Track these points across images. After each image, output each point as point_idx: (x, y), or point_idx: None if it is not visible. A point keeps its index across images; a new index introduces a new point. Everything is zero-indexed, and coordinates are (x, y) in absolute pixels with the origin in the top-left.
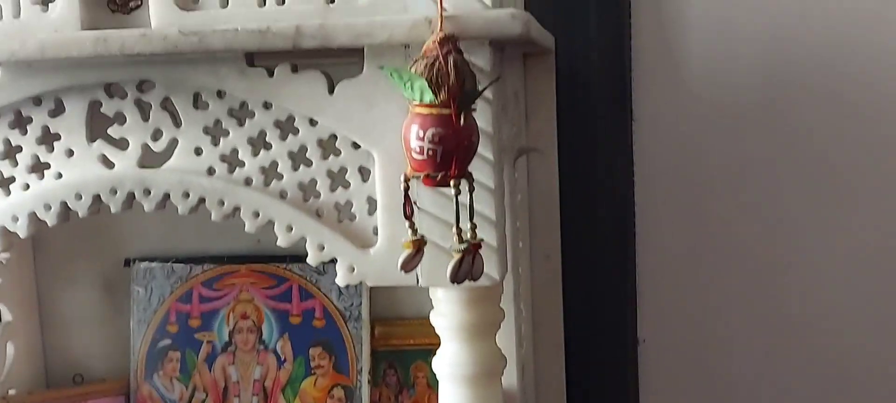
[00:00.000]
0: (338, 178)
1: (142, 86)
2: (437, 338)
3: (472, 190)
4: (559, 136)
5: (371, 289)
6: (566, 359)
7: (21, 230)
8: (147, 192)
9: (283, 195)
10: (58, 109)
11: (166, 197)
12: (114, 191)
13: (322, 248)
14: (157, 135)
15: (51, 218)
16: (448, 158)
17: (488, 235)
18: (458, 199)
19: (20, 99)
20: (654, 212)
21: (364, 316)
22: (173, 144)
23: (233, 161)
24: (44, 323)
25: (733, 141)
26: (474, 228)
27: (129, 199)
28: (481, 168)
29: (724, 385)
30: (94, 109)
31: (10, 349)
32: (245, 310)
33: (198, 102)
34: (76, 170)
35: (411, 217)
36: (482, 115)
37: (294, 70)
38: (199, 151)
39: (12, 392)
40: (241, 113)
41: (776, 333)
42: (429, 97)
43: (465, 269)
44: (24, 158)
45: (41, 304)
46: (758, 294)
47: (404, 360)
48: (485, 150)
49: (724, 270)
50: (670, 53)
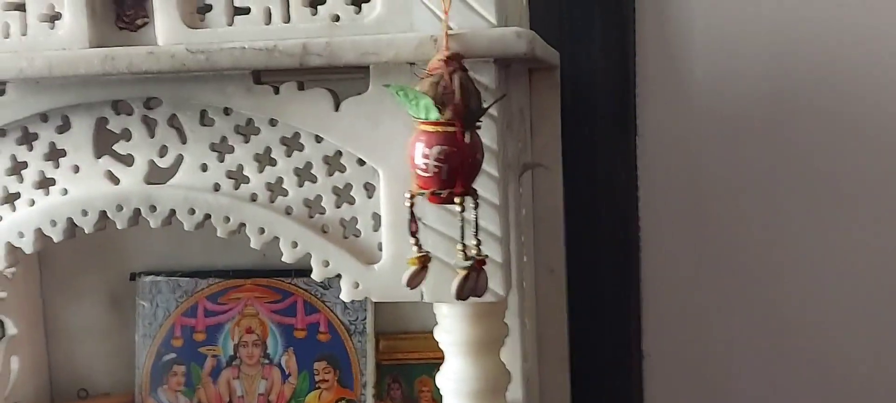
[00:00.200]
0: (343, 195)
1: (148, 103)
2: (442, 353)
3: (476, 206)
4: (564, 151)
5: (376, 304)
6: (571, 373)
7: (26, 246)
8: (153, 208)
9: (288, 211)
10: (65, 126)
11: (172, 213)
12: (120, 208)
13: (327, 264)
14: (163, 152)
15: (57, 234)
16: (453, 175)
17: (493, 251)
18: (463, 216)
19: (27, 115)
20: (658, 227)
21: (369, 330)
22: (179, 161)
23: (238, 177)
24: (49, 336)
25: (737, 155)
26: (479, 245)
27: (135, 215)
28: (486, 185)
29: (729, 398)
30: (100, 126)
31: (15, 363)
32: (250, 325)
33: (204, 119)
34: (82, 187)
35: (416, 233)
36: (487, 133)
37: (300, 87)
38: (205, 168)
39: None
40: (248, 129)
41: (780, 346)
42: (434, 115)
43: (470, 286)
44: (30, 174)
45: (46, 318)
46: (762, 307)
47: (409, 374)
48: (490, 167)
49: (728, 283)
50: (674, 69)
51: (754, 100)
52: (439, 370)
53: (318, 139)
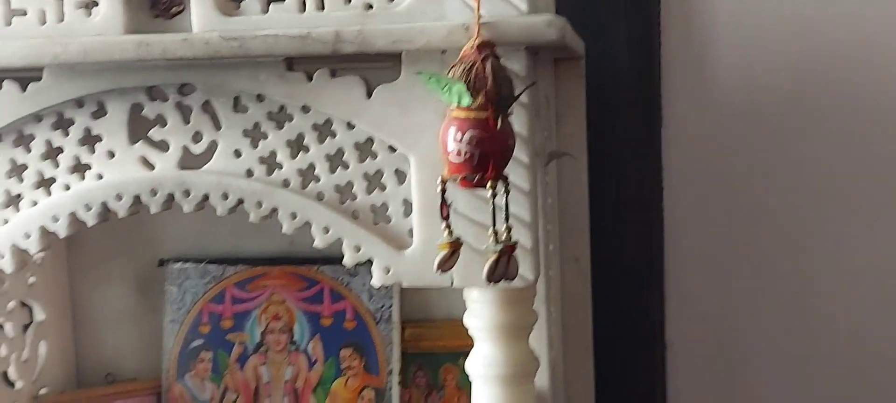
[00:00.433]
0: (374, 181)
1: (183, 90)
2: (467, 340)
3: (507, 192)
4: (588, 142)
5: (401, 291)
6: (595, 362)
7: (61, 230)
8: (187, 193)
9: (320, 197)
10: (100, 112)
11: (205, 198)
12: (154, 192)
13: (358, 249)
14: (197, 138)
15: (91, 218)
16: (485, 161)
17: (523, 237)
18: (494, 201)
19: (63, 101)
20: (683, 217)
21: (394, 318)
22: (213, 147)
23: (271, 163)
24: (76, 322)
25: (761, 146)
26: (509, 230)
27: (169, 200)
28: (516, 171)
29: (752, 389)
30: (135, 112)
31: (43, 348)
32: (277, 312)
33: (237, 106)
34: (117, 171)
35: (447, 219)
36: (518, 119)
37: (332, 75)
38: (238, 153)
39: (44, 392)
40: (280, 116)
41: (804, 337)
42: (466, 101)
43: (501, 270)
44: (65, 159)
45: (74, 304)
46: (786, 298)
47: (434, 362)
48: (520, 153)
49: (752, 274)
50: (699, 60)
51: (778, 92)
52: (464, 357)
53: (350, 126)
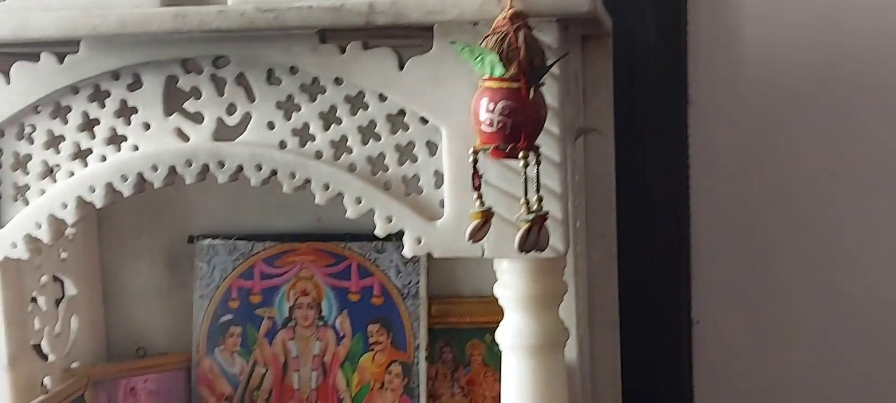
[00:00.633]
0: (406, 152)
1: (217, 62)
2: (494, 316)
3: (538, 163)
4: (615, 119)
5: (428, 267)
6: (621, 338)
7: (97, 200)
8: (221, 165)
9: (352, 168)
10: (136, 84)
11: (239, 169)
12: (188, 163)
13: (390, 220)
14: (231, 110)
15: (127, 188)
16: (517, 131)
17: (553, 208)
18: (525, 172)
19: (99, 73)
20: (709, 194)
21: (422, 293)
22: (247, 118)
23: (304, 135)
24: (107, 297)
25: (789, 124)
26: (540, 200)
27: (204, 171)
28: (547, 142)
29: (778, 367)
30: (170, 84)
31: (74, 322)
32: (305, 287)
33: (271, 78)
34: (152, 143)
35: (479, 189)
36: (549, 91)
37: (365, 47)
38: (271, 125)
39: (76, 365)
40: (313, 88)
41: (832, 313)
42: (499, 71)
43: (532, 239)
44: (101, 131)
45: (105, 279)
46: (813, 276)
47: (460, 338)
48: (551, 125)
49: (779, 252)
50: (726, 37)
51: (806, 68)
52: (491, 334)
53: (382, 98)
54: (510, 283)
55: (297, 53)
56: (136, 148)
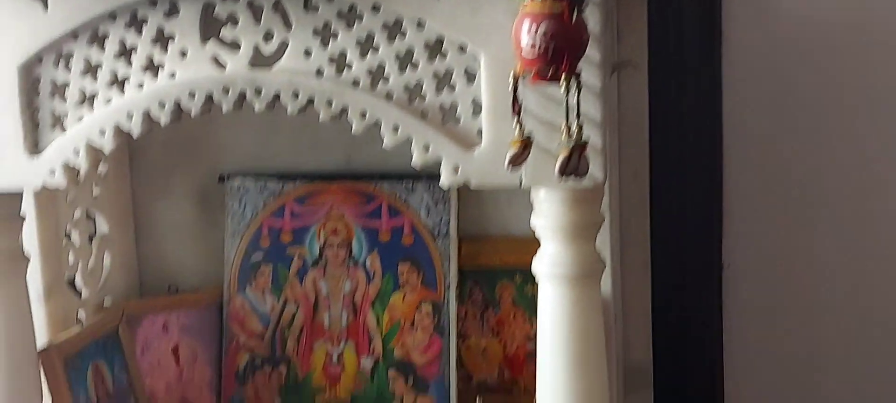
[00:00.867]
0: (443, 81)
1: None
2: (524, 257)
3: (579, 89)
4: (649, 57)
5: (459, 207)
6: (651, 278)
7: (135, 128)
8: (258, 92)
9: (389, 96)
10: (172, 11)
11: (276, 97)
12: (226, 91)
13: (427, 149)
14: (268, 37)
15: (164, 116)
16: (559, 54)
17: (593, 136)
18: (567, 97)
19: (136, 0)
20: (742, 135)
21: (452, 233)
22: (284, 46)
23: (341, 63)
24: (139, 234)
25: (823, 63)
26: (581, 128)
27: (241, 99)
28: (588, 69)
29: (809, 311)
30: (207, 11)
31: (107, 259)
32: (335, 227)
33: (308, 5)
34: (189, 70)
35: (519, 115)
36: (591, 16)
37: None
38: (308, 53)
39: (108, 301)
40: (350, 15)
41: (864, 259)
42: None
43: (573, 165)
44: (138, 58)
45: (136, 216)
46: (846, 218)
47: (490, 279)
48: (592, 51)
49: (811, 196)
50: None
51: (842, 5)
52: (521, 274)
53: (420, 25)
54: (547, 213)
55: None
56: (172, 75)
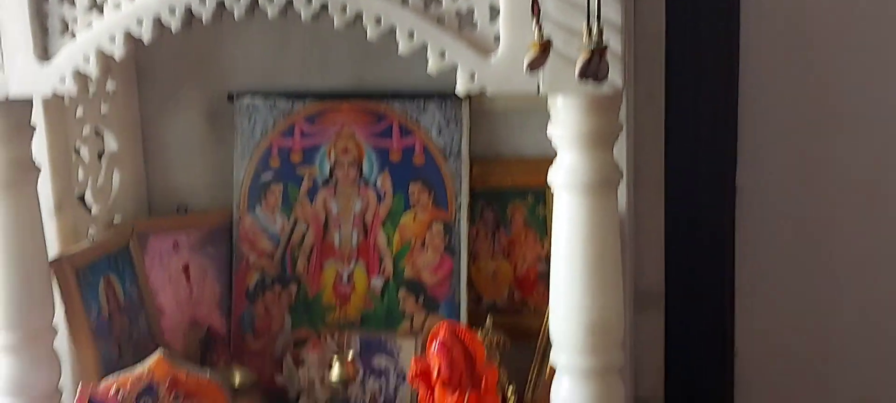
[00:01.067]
0: None
1: None
2: (535, 178)
3: None
4: None
5: (470, 128)
6: (665, 198)
7: (145, 34)
8: None
9: (404, 2)
10: None
11: (289, 3)
12: None
13: (443, 56)
14: None
15: (174, 22)
16: None
17: (613, 40)
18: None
19: None
20: (759, 58)
21: (463, 153)
22: None
23: None
24: (147, 153)
25: None
26: (601, 31)
27: (253, 4)
28: None
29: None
30: None
31: (116, 177)
32: (346, 146)
33: None
34: None
35: (538, 16)
36: None
37: None
38: None
39: (118, 219)
40: None
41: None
42: None
43: (593, 67)
44: None
45: (145, 135)
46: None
47: (501, 199)
48: None
49: (829, 116)
50: None
51: None
52: (533, 195)
53: None
54: (565, 121)
55: None
56: None
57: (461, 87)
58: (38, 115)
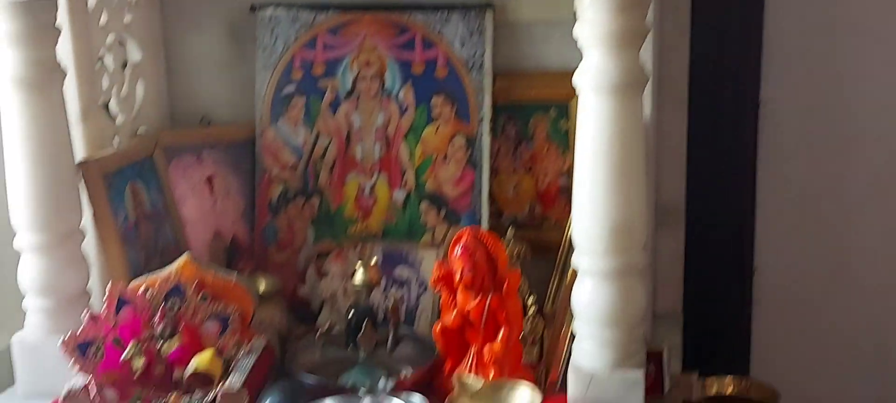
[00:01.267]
0: None
1: None
2: (558, 92)
3: None
4: None
5: (493, 40)
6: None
7: None
8: None
9: None
10: None
11: None
12: None
13: None
14: None
15: None
16: None
17: None
18: None
19: None
20: None
21: (487, 65)
22: None
23: None
24: (170, 66)
25: None
26: None
27: None
28: None
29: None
30: None
31: (140, 88)
32: (368, 59)
33: None
34: None
35: None
36: None
37: None
38: None
39: (142, 130)
40: None
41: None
42: None
43: None
44: None
45: (167, 47)
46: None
47: (524, 113)
48: None
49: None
50: None
51: None
52: (556, 109)
53: None
54: (593, 20)
55: None
56: None
57: None
58: (62, 19)
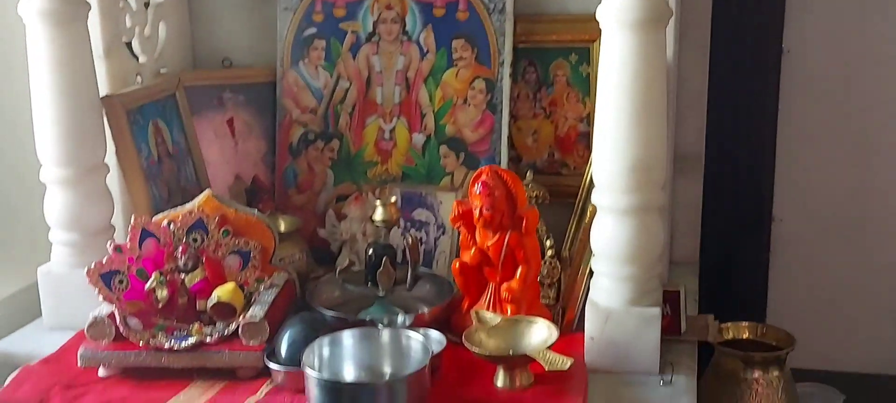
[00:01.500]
0: None
1: None
2: (579, 36)
3: None
4: None
5: None
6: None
7: None
8: None
9: None
10: None
11: None
12: None
13: None
14: None
15: None
16: None
17: None
18: None
19: None
20: None
21: (508, 8)
22: None
23: None
24: (193, 8)
25: None
26: None
27: None
28: None
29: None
30: None
31: (162, 29)
32: (389, 1)
33: None
34: None
35: None
36: None
37: None
38: None
39: (164, 71)
40: None
41: None
42: None
43: None
44: None
45: None
46: None
47: (545, 58)
48: None
49: None
50: None
51: None
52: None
53: None
54: None
55: None
56: None
57: None
58: None
